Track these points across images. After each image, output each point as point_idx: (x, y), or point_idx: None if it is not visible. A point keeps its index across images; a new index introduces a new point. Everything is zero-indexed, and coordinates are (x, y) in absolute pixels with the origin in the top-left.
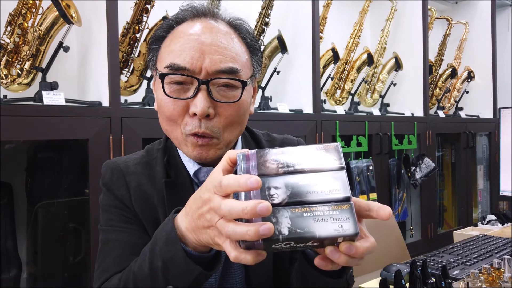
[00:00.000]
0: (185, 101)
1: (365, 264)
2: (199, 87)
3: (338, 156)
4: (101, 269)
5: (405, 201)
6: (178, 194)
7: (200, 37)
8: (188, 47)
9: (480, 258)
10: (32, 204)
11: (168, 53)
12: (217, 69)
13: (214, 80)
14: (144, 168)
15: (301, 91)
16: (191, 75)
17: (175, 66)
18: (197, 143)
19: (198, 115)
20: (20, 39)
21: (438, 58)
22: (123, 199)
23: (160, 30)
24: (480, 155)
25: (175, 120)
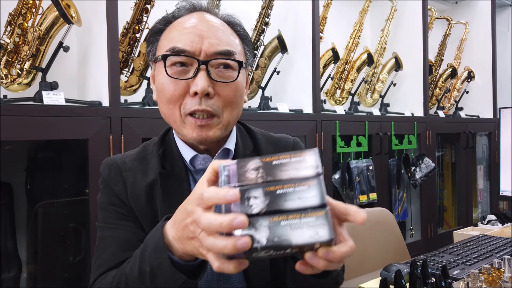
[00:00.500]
0: (185, 81)
1: (365, 264)
2: (199, 67)
3: (315, 163)
4: (96, 265)
5: (405, 201)
6: (173, 185)
7: (197, 25)
8: (187, 33)
9: (480, 258)
10: (32, 204)
11: (168, 40)
12: (215, 51)
13: (213, 61)
14: (140, 163)
15: (301, 91)
16: (192, 56)
17: (176, 49)
18: (196, 123)
19: (199, 93)
20: (20, 39)
21: (438, 58)
22: (120, 194)
23: (159, 24)
24: (480, 155)
25: (176, 101)
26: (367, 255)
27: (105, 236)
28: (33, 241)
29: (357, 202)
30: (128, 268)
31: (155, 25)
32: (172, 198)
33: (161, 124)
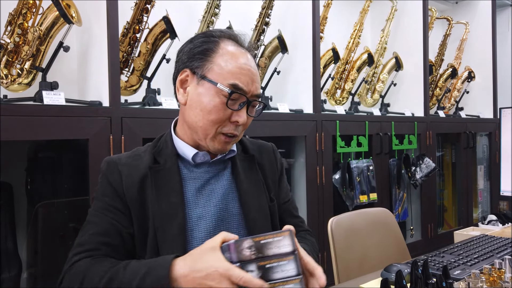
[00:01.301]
0: (231, 111)
1: (366, 264)
2: (245, 104)
3: (291, 241)
4: (76, 243)
5: (406, 201)
6: (164, 177)
7: (250, 68)
8: (245, 73)
9: (481, 258)
10: (32, 204)
11: (228, 72)
12: (256, 93)
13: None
14: (134, 159)
15: (302, 91)
16: (244, 95)
17: (237, 86)
18: (225, 140)
19: (240, 123)
20: (20, 39)
21: (439, 58)
22: (115, 183)
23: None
24: (481, 155)
25: (220, 122)
26: (367, 255)
27: (89, 221)
28: (33, 241)
29: (358, 202)
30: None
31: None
32: (162, 188)
33: (161, 124)
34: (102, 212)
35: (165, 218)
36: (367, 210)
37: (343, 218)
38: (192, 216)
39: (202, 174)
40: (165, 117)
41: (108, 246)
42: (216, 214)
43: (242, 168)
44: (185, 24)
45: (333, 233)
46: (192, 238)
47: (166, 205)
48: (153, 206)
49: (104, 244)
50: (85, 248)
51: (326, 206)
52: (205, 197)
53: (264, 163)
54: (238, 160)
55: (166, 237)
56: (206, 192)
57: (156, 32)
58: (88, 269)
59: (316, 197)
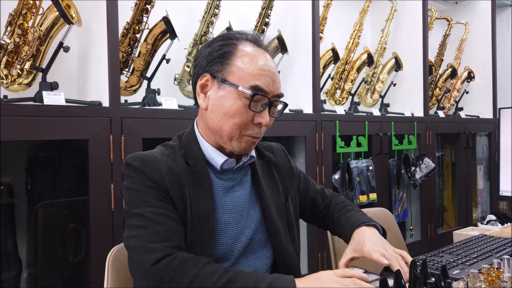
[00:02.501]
0: (253, 113)
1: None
2: (267, 105)
3: None
4: (150, 232)
5: (405, 201)
6: (197, 179)
7: (270, 68)
8: (265, 74)
9: (479, 258)
10: (33, 204)
11: (249, 75)
12: (278, 93)
13: (276, 102)
14: (168, 158)
15: (301, 91)
16: (266, 96)
17: (258, 87)
18: (252, 140)
19: (263, 125)
20: (21, 39)
21: (438, 58)
22: (156, 180)
23: (227, 47)
24: (480, 155)
25: (242, 125)
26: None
27: (145, 211)
28: (33, 241)
29: (357, 202)
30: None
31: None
32: (198, 188)
33: (161, 124)
34: (157, 201)
35: (201, 220)
36: (367, 210)
37: None
38: (220, 222)
39: (227, 181)
40: (165, 117)
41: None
42: (240, 221)
43: (261, 173)
44: (185, 24)
45: None
46: (218, 243)
47: (203, 207)
48: (193, 205)
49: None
50: (167, 236)
51: None
52: (231, 203)
53: (279, 164)
54: (258, 165)
55: (197, 239)
56: (232, 198)
57: (156, 33)
58: (199, 265)
59: None
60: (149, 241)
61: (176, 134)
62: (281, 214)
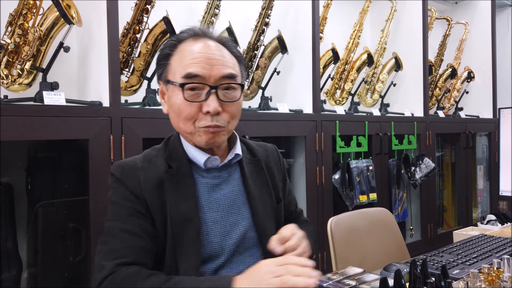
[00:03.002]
0: (199, 103)
1: (366, 263)
2: (210, 91)
3: None
4: (108, 248)
5: (405, 201)
6: (179, 182)
7: (205, 53)
8: (198, 60)
9: (479, 258)
10: (33, 204)
11: (181, 66)
12: (222, 74)
13: (221, 85)
14: (149, 163)
15: (301, 91)
16: (203, 82)
17: (190, 75)
18: (209, 130)
19: (211, 113)
20: (21, 39)
21: (438, 58)
22: (134, 190)
23: (166, 49)
24: (480, 155)
25: (191, 119)
26: (367, 255)
27: (114, 227)
28: (33, 241)
29: (357, 202)
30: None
31: (163, 50)
32: (179, 192)
33: (161, 124)
34: (128, 217)
35: (183, 222)
36: (367, 210)
37: (343, 218)
38: (206, 221)
39: (212, 179)
40: (165, 117)
41: (141, 250)
42: (229, 219)
43: (249, 171)
44: (185, 24)
45: (332, 233)
46: (207, 242)
47: (184, 209)
48: (172, 209)
49: (138, 248)
50: (122, 253)
51: (326, 206)
52: (218, 201)
53: (271, 164)
54: (245, 164)
55: (183, 240)
56: (218, 196)
57: (156, 33)
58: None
59: (316, 197)
60: (103, 259)
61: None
62: (269, 214)
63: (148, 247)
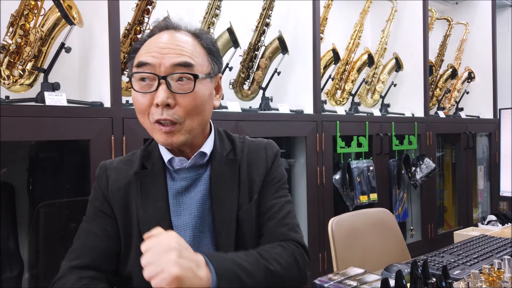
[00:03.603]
0: (150, 95)
1: (366, 264)
2: (159, 81)
3: None
4: (70, 249)
5: (406, 202)
6: (149, 183)
7: (162, 42)
8: (151, 49)
9: (480, 259)
10: (34, 204)
11: (137, 57)
12: (173, 63)
13: (171, 75)
14: (125, 164)
15: (302, 91)
16: (152, 72)
17: (139, 63)
18: (162, 130)
19: (160, 104)
20: (22, 40)
21: (439, 58)
22: (102, 188)
23: (136, 44)
24: (481, 156)
25: (144, 111)
26: (368, 256)
27: (82, 227)
28: (34, 241)
29: (358, 202)
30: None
31: (133, 45)
32: (148, 193)
33: None
34: (93, 218)
35: (152, 223)
36: (368, 210)
37: (344, 218)
38: (177, 225)
39: (181, 181)
40: None
41: (99, 251)
42: (195, 224)
43: (221, 172)
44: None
45: (333, 233)
46: None
47: (153, 210)
48: (138, 211)
49: (96, 249)
50: (78, 254)
51: (327, 206)
52: (185, 205)
53: (257, 160)
54: (219, 164)
55: None
56: (186, 199)
57: None
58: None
59: (317, 197)
60: (65, 258)
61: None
62: (227, 222)
63: (108, 249)
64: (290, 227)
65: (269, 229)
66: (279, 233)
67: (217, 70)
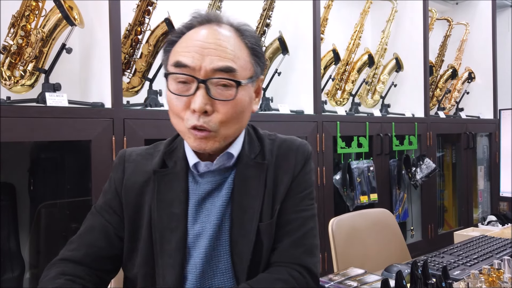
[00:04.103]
0: (187, 98)
1: (367, 264)
2: (198, 85)
3: None
4: (71, 239)
5: (406, 202)
6: (168, 185)
7: (203, 40)
8: (191, 49)
9: (480, 259)
10: (35, 204)
11: (174, 53)
12: (214, 67)
13: (211, 79)
14: (144, 158)
15: (302, 92)
16: (191, 75)
17: (178, 64)
18: (197, 136)
19: (197, 111)
20: (23, 41)
21: (439, 58)
22: (116, 181)
23: (172, 35)
24: (481, 156)
25: (179, 114)
26: (368, 256)
27: (88, 217)
28: (36, 241)
29: (358, 202)
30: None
31: (169, 37)
32: (165, 196)
33: (163, 125)
34: (100, 211)
35: (165, 230)
36: (368, 210)
37: (344, 218)
38: (191, 232)
39: (205, 185)
40: (166, 118)
41: (95, 248)
42: (213, 233)
43: (247, 176)
44: None
45: (334, 234)
46: (190, 256)
47: (167, 215)
48: (152, 214)
49: (92, 246)
50: (73, 247)
51: (327, 206)
52: (205, 211)
53: (282, 168)
54: (246, 167)
55: (164, 251)
56: (207, 205)
57: (157, 34)
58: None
59: (317, 197)
60: (64, 247)
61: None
62: (247, 235)
63: (105, 249)
64: (305, 249)
65: (283, 246)
66: (292, 255)
67: (260, 72)
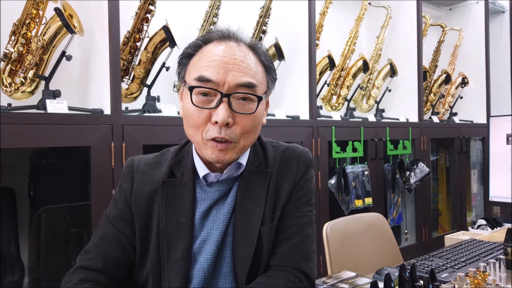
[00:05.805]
0: (208, 111)
1: (360, 268)
2: (221, 99)
3: None
4: (85, 248)
5: (400, 206)
6: (176, 194)
7: (225, 56)
8: (214, 64)
9: (468, 262)
10: (35, 209)
11: (197, 68)
12: (238, 83)
13: (234, 94)
14: (152, 168)
15: (298, 97)
16: (215, 88)
17: (202, 78)
18: (217, 147)
19: (219, 123)
20: (24, 48)
21: (433, 64)
22: (126, 192)
23: (189, 49)
24: (474, 160)
25: (199, 127)
26: (361, 259)
27: (99, 226)
28: (35, 245)
29: (353, 206)
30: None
31: (186, 50)
32: (173, 205)
33: (161, 131)
34: (112, 221)
35: (171, 239)
36: (361, 215)
37: (338, 223)
38: (197, 239)
39: (213, 193)
40: (165, 124)
41: (111, 258)
42: (219, 239)
43: (251, 183)
44: (184, 33)
45: (328, 238)
46: (195, 261)
47: (174, 224)
48: (160, 223)
49: (108, 255)
50: (92, 256)
51: (322, 210)
52: (212, 218)
53: (284, 175)
54: (250, 174)
55: (170, 258)
56: (213, 213)
57: (156, 41)
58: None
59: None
60: (79, 255)
61: (175, 140)
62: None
63: (120, 258)
64: (303, 254)
65: (282, 251)
66: (290, 259)
67: (272, 87)
